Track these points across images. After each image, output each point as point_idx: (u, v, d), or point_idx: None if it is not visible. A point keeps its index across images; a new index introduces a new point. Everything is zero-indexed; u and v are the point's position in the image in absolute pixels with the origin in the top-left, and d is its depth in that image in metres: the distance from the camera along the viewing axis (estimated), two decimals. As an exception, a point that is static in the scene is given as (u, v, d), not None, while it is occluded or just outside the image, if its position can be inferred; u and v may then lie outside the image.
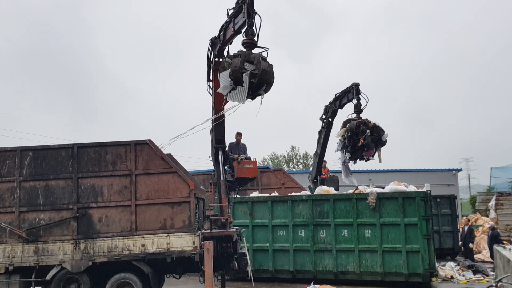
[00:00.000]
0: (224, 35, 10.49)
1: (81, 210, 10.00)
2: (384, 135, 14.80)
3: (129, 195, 10.03)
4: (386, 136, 14.84)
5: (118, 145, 10.25)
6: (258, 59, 8.92)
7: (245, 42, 9.31)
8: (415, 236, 12.16)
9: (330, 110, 16.07)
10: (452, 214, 18.92)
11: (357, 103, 15.14)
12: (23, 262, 9.85)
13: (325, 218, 13.07)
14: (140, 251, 9.82)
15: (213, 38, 11.05)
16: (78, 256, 9.83)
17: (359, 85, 15.14)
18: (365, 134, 14.51)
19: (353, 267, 12.68)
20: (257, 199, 14.05)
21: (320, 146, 16.48)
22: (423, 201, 12.20)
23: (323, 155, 16.73)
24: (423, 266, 12.00)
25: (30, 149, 10.38)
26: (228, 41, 10.39)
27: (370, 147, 14.61)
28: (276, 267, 13.41)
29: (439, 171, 29.31)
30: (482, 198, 25.45)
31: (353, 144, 14.80)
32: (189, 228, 9.86)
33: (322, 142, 16.42)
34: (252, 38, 9.24)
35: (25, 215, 10.04)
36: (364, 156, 15.05)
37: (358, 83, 15.14)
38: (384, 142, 14.89)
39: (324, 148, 16.61)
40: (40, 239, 9.94)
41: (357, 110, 15.14)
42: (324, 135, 16.32)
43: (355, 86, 15.13)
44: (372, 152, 14.86)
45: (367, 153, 14.90)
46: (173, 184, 10.03)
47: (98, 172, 10.15)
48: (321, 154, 16.60)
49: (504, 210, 18.18)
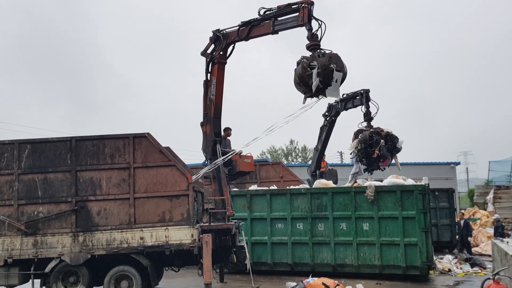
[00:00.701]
0: (248, 32, 10.75)
1: (79, 203, 10.01)
2: (399, 142, 14.23)
3: (128, 188, 10.04)
4: (401, 143, 14.26)
5: (117, 138, 10.25)
6: (338, 58, 9.77)
7: (311, 45, 9.94)
8: (413, 229, 12.20)
9: (334, 109, 15.72)
10: (450, 207, 18.95)
11: (366, 111, 14.64)
12: (22, 255, 9.88)
13: (324, 211, 13.10)
14: (138, 244, 9.84)
15: (218, 31, 11.09)
16: (77, 249, 9.85)
17: (369, 91, 14.64)
18: (380, 145, 13.86)
19: (351, 260, 12.73)
20: (256, 192, 14.07)
21: (321, 143, 16.36)
22: (421, 195, 12.23)
23: (323, 151, 16.68)
24: (420, 259, 12.05)
25: (29, 142, 10.37)
26: (253, 38, 10.79)
27: (386, 157, 14.02)
28: (274, 260, 13.46)
29: (438, 164, 29.36)
30: (480, 192, 25.55)
31: (368, 155, 14.11)
32: (187, 221, 9.87)
33: (324, 139, 16.28)
34: (316, 40, 9.91)
35: (24, 208, 10.06)
36: (381, 166, 14.41)
37: (368, 90, 14.65)
38: (399, 149, 14.30)
39: (325, 144, 16.50)
40: (39, 232, 9.96)
41: (368, 118, 14.60)
42: (326, 132, 16.16)
43: (365, 93, 14.64)
44: (389, 161, 14.28)
45: (384, 163, 14.27)
46: (171, 177, 10.03)
47: (96, 165, 10.16)
48: (322, 150, 16.52)
49: (502, 203, 18.28)
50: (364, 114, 14.73)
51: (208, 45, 11.32)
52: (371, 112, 14.61)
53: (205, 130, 11.31)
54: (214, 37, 11.15)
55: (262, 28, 10.71)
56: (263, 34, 10.79)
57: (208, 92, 11.17)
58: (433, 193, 18.10)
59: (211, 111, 11.23)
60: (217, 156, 11.20)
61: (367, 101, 14.62)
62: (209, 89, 11.16)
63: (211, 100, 11.19)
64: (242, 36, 10.85)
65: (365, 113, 14.70)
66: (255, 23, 10.71)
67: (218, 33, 11.11)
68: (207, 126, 11.28)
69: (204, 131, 11.35)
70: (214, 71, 11.13)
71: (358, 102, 14.95)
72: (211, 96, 11.15)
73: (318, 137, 16.48)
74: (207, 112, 11.26)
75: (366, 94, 14.60)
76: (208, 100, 11.21)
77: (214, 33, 11.15)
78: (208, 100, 11.21)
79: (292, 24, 10.30)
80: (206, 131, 11.29)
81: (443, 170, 28.71)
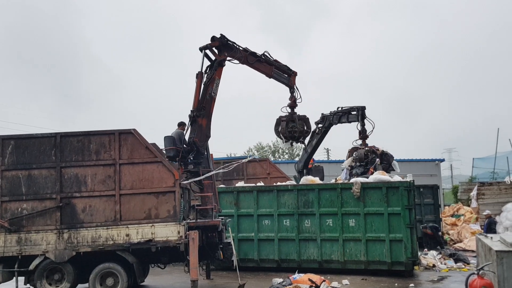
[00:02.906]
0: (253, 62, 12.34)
1: (64, 199, 9.92)
2: (394, 163, 14.39)
3: (113, 185, 9.97)
4: (396, 165, 14.42)
5: (102, 134, 10.16)
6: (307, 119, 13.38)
7: (290, 105, 13.21)
8: (398, 225, 12.31)
9: (327, 121, 15.83)
10: (435, 203, 19.22)
11: (362, 129, 14.77)
12: (6, 252, 9.77)
13: (310, 208, 13.15)
14: (124, 241, 9.78)
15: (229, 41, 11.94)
16: (62, 246, 9.76)
17: (365, 109, 14.72)
18: (375, 163, 14.10)
19: (337, 256, 12.80)
20: (243, 188, 14.06)
21: (311, 147, 16.59)
22: (406, 191, 12.33)
23: (312, 155, 16.95)
24: (405, 254, 12.17)
25: (12, 137, 10.23)
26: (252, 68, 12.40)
27: None
28: (261, 256, 13.48)
29: (423, 161, 29.60)
30: (464, 188, 25.85)
31: (362, 173, 14.22)
32: (174, 218, 9.84)
33: (314, 145, 16.55)
34: (294, 101, 13.13)
35: (7, 204, 9.93)
36: None
37: (364, 107, 14.73)
38: (393, 169, 14.44)
39: (315, 150, 16.84)
40: (23, 229, 9.85)
41: (363, 136, 14.74)
42: (317, 140, 16.41)
43: (361, 110, 14.71)
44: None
45: None
46: (158, 173, 9.99)
47: (81, 161, 10.06)
48: (311, 153, 16.78)
49: (485, 200, 18.46)
50: (359, 131, 14.87)
51: (212, 44, 11.84)
52: (366, 130, 14.78)
53: (201, 122, 11.50)
54: (224, 42, 11.89)
55: (263, 67, 12.54)
56: (262, 71, 12.56)
57: (209, 88, 11.60)
58: (418, 189, 18.31)
59: (210, 107, 11.60)
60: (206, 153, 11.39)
61: (362, 119, 14.76)
62: (211, 86, 11.62)
63: (211, 97, 11.61)
64: (247, 61, 12.27)
65: (360, 131, 14.84)
66: (261, 59, 12.49)
67: (230, 41, 11.96)
68: (204, 120, 11.51)
69: (200, 123, 11.48)
70: (219, 72, 11.80)
71: (353, 118, 15.07)
72: (212, 94, 11.62)
73: (309, 141, 16.65)
74: (205, 106, 11.53)
75: (362, 112, 14.74)
76: (208, 95, 11.58)
77: (225, 38, 11.87)
78: (208, 95, 11.58)
79: (284, 81, 12.90)
80: (202, 124, 11.49)
81: (428, 167, 28.96)
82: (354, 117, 15.05)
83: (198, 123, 11.49)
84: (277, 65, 12.73)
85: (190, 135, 11.48)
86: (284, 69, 12.87)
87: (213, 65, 11.85)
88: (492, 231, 15.32)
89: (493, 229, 15.89)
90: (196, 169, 11.26)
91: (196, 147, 11.33)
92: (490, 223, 16.32)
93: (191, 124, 11.54)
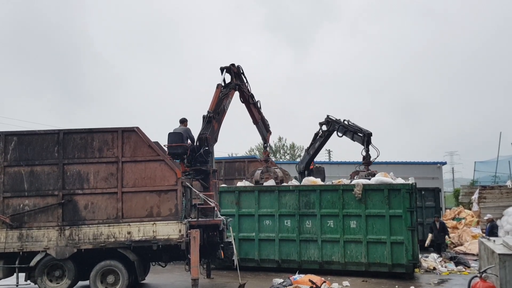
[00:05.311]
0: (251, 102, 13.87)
1: (66, 196, 9.93)
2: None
3: (116, 182, 9.97)
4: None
5: (105, 132, 10.17)
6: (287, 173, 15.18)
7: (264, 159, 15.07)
8: (400, 227, 12.29)
9: (331, 126, 15.96)
10: (436, 206, 19.18)
11: (366, 155, 14.92)
12: (7, 248, 9.77)
13: (311, 209, 13.14)
14: (126, 239, 9.79)
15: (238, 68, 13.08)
16: (63, 242, 9.77)
17: (371, 135, 14.82)
18: None
19: (338, 257, 12.78)
20: (244, 188, 14.06)
21: (313, 149, 16.71)
22: (408, 193, 12.32)
23: (314, 156, 17.05)
24: (406, 257, 12.15)
25: (15, 134, 10.25)
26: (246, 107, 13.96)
27: None
28: (261, 256, 13.47)
29: (424, 164, 29.55)
30: (465, 191, 25.79)
31: None
32: (175, 216, 9.84)
33: (317, 147, 16.69)
34: (268, 155, 14.98)
35: (9, 200, 9.94)
36: None
37: (370, 133, 14.84)
38: None
39: (317, 152, 16.96)
40: (25, 225, 9.86)
41: (366, 162, 14.94)
42: (320, 143, 16.55)
43: (367, 136, 14.83)
44: None
45: None
46: (160, 172, 10.00)
47: (84, 158, 10.07)
48: (313, 155, 16.89)
49: (487, 203, 18.47)
50: (363, 157, 15.06)
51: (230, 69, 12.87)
52: (370, 156, 14.95)
53: (214, 124, 11.88)
54: (238, 72, 13.11)
55: (256, 113, 14.11)
56: (253, 115, 14.13)
57: (224, 101, 12.47)
58: (420, 192, 18.32)
59: (222, 116, 12.37)
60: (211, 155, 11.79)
61: (367, 145, 14.90)
62: (226, 100, 12.54)
63: (223, 110, 12.45)
64: (247, 99, 13.72)
65: (364, 156, 15.03)
66: (257, 104, 14.10)
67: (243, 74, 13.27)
68: (216, 123, 12.00)
69: (213, 125, 11.84)
70: (232, 93, 12.85)
71: (358, 140, 15.22)
72: (224, 107, 12.50)
73: (311, 143, 16.72)
74: (219, 112, 12.20)
75: (368, 138, 14.89)
76: (222, 106, 12.38)
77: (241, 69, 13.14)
78: (222, 106, 12.38)
79: (263, 134, 14.69)
80: (214, 126, 11.91)
81: (429, 170, 28.92)
82: (359, 139, 15.19)
83: (212, 124, 11.77)
84: (263, 117, 14.41)
85: (202, 132, 11.61)
86: (266, 124, 14.61)
87: (230, 84, 12.83)
88: (494, 235, 15.28)
89: (495, 233, 15.87)
90: (205, 168, 11.30)
91: (207, 144, 11.37)
92: (492, 226, 16.31)
93: (207, 123, 11.78)
